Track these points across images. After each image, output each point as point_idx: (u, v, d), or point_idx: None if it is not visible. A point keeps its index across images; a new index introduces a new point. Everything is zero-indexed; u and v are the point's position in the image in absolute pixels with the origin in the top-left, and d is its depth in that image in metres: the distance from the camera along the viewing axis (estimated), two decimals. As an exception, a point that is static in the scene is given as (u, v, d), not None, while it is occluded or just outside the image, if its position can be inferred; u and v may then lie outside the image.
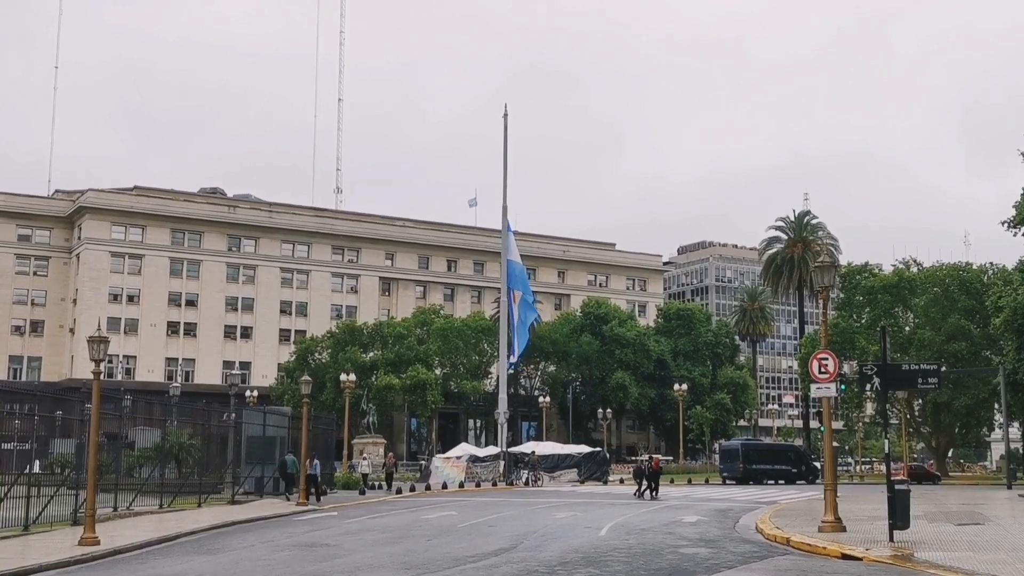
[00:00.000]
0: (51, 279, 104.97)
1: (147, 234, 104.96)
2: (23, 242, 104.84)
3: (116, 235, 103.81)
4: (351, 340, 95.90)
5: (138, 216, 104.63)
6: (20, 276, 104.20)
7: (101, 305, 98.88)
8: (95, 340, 25.83)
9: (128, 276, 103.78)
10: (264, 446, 47.52)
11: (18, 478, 29.38)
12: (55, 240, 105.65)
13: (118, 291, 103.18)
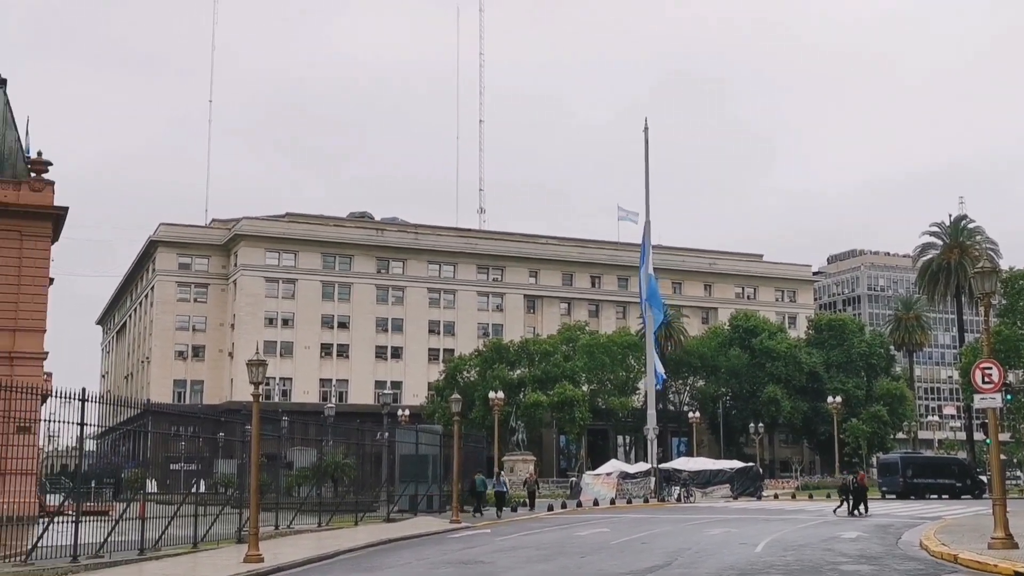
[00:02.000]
0: (210, 305, 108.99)
1: (299, 259, 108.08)
2: (184, 270, 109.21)
3: (270, 261, 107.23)
4: (498, 358, 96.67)
5: (290, 242, 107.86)
6: (182, 303, 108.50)
7: (257, 329, 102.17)
8: (254, 363, 26.65)
9: (282, 300, 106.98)
10: (417, 464, 48.26)
11: (186, 497, 30.59)
12: (213, 267, 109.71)
13: (273, 315, 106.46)
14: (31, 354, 46.44)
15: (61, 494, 43.18)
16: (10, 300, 46.67)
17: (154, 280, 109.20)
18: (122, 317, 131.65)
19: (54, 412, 26.35)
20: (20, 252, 47.18)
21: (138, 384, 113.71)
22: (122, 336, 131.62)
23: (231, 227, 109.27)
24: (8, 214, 47.04)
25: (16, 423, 27.08)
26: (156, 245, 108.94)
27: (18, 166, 49.46)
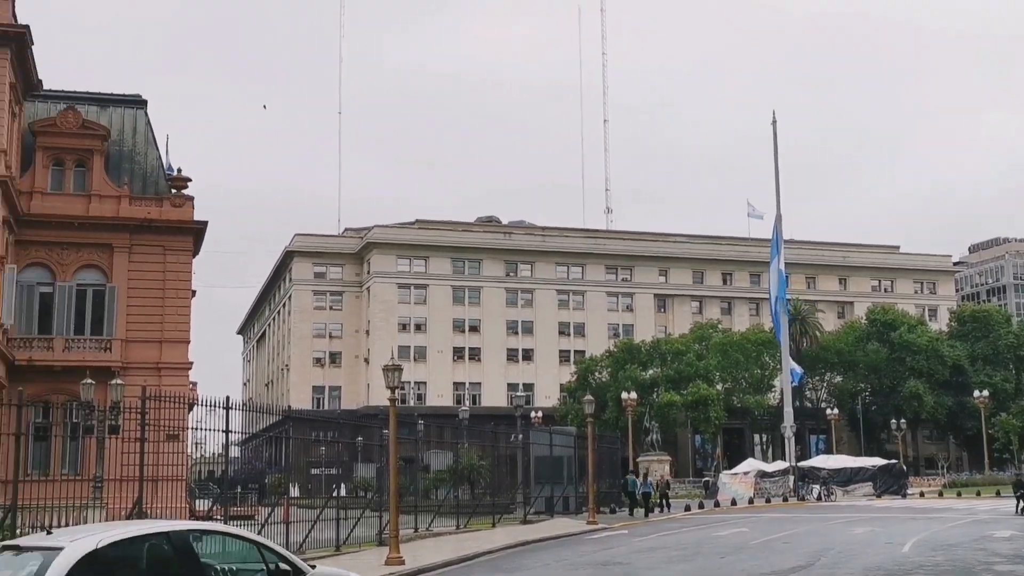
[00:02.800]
0: (346, 312, 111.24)
1: (430, 265, 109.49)
2: (319, 279, 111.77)
3: (401, 267, 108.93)
4: (629, 358, 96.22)
5: (421, 248, 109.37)
6: (318, 311, 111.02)
7: (391, 334, 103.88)
8: (389, 368, 27.06)
9: (415, 306, 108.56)
10: (552, 466, 48.37)
11: (328, 501, 31.26)
12: (347, 275, 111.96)
13: (406, 320, 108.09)
14: (177, 364, 48.15)
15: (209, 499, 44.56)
16: (156, 313, 48.45)
17: (291, 289, 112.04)
18: (261, 326, 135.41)
19: (200, 420, 27.21)
20: (164, 266, 48.98)
21: (278, 391, 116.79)
22: (262, 344, 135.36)
23: (363, 235, 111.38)
24: (152, 230, 48.88)
25: (165, 431, 28.12)
26: (292, 255, 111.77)
27: (160, 184, 51.34)
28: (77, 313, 47.48)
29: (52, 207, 47.76)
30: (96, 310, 47.64)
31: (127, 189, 49.23)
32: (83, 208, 48.12)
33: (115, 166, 50.35)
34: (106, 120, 51.29)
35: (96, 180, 48.70)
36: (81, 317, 47.54)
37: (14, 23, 43.17)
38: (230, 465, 33.13)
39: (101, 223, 47.85)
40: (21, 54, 44.13)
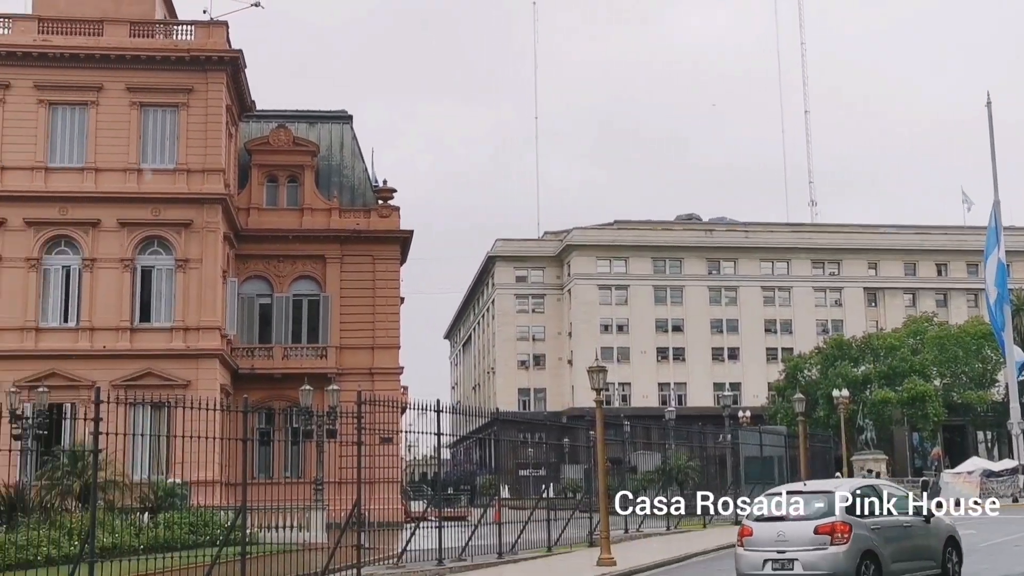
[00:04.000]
0: (548, 315, 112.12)
1: (630, 265, 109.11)
2: (520, 283, 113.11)
3: (601, 269, 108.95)
4: (840, 355, 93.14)
5: (620, 249, 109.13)
6: (520, 314, 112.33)
7: (594, 336, 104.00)
8: (594, 370, 27.04)
9: (616, 307, 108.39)
10: (762, 466, 47.40)
11: (538, 502, 31.52)
12: (548, 278, 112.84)
13: (608, 322, 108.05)
14: (389, 369, 49.67)
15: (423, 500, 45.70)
16: (367, 320, 50.12)
17: (494, 294, 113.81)
18: (467, 330, 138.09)
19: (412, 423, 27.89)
20: (373, 275, 50.63)
21: (485, 394, 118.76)
22: (468, 348, 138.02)
23: (562, 238, 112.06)
24: (361, 240, 50.61)
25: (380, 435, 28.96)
26: (494, 260, 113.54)
27: (367, 195, 53.11)
28: (294, 322, 49.62)
29: (268, 222, 50.11)
30: (311, 319, 49.68)
31: (336, 202, 51.14)
32: (296, 222, 50.30)
33: (324, 180, 52.40)
34: (315, 136, 53.45)
35: (308, 194, 50.82)
36: (298, 326, 49.65)
37: (228, 48, 45.48)
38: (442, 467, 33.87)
39: (313, 235, 49.93)
40: (235, 78, 46.45)
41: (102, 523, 21.74)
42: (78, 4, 45.92)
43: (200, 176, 44.30)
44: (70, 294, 43.36)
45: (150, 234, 43.91)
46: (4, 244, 42.79)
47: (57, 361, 41.91)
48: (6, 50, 43.73)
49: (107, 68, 44.26)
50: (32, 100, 43.84)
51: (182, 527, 25.38)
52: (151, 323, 43.63)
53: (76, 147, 44.23)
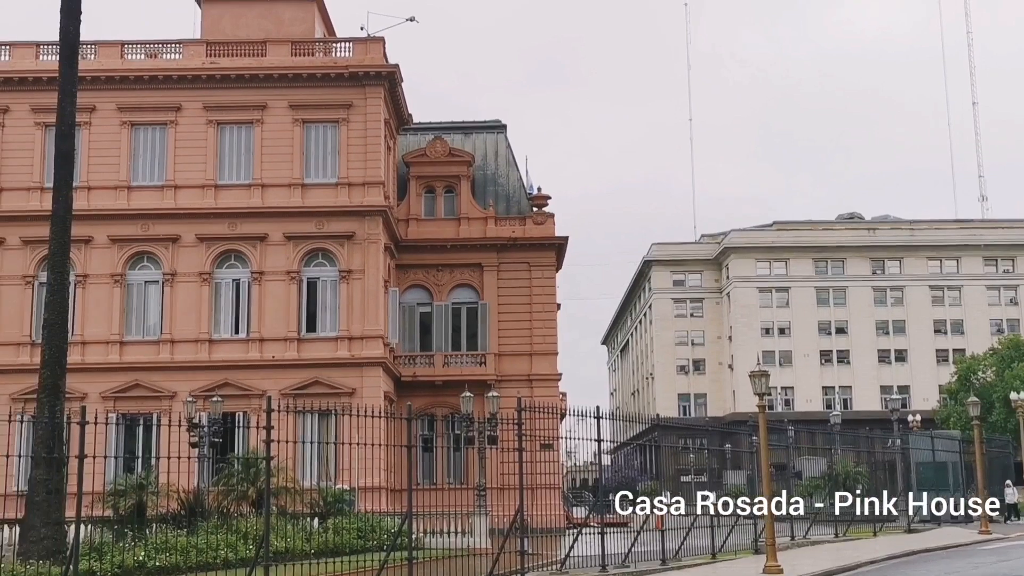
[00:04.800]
0: (706, 319, 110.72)
1: (790, 267, 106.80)
2: (678, 287, 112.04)
3: (761, 271, 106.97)
4: (1017, 356, 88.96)
5: (780, 251, 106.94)
6: (679, 319, 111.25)
7: (754, 340, 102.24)
8: (756, 375, 26.57)
9: (777, 309, 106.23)
10: (934, 472, 45.72)
11: (700, 509, 31.07)
12: (706, 282, 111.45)
13: (769, 325, 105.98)
14: (547, 376, 49.89)
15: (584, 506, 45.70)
16: (524, 327, 50.47)
17: (651, 299, 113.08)
18: (624, 336, 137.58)
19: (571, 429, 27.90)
20: (529, 282, 50.99)
21: (644, 400, 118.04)
22: (626, 354, 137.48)
23: (720, 241, 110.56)
24: (516, 247, 51.04)
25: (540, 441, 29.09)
26: (650, 265, 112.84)
27: (522, 203, 53.51)
28: (453, 330, 50.39)
29: (426, 232, 51.05)
30: (470, 326, 50.36)
31: (492, 210, 51.71)
32: (454, 231, 51.08)
33: (480, 189, 53.07)
34: (470, 146, 54.21)
35: (464, 204, 51.56)
36: (457, 334, 50.39)
37: (386, 63, 46.54)
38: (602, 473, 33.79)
39: (471, 244, 50.64)
40: (393, 92, 47.49)
41: (275, 528, 22.47)
42: (243, 27, 47.74)
43: (361, 189, 45.43)
44: (240, 306, 45.02)
45: (314, 247, 45.25)
46: (179, 259, 44.76)
47: (229, 371, 43.57)
48: (178, 74, 45.76)
49: (271, 87, 45.86)
50: (202, 121, 45.75)
51: (350, 532, 26.01)
52: (317, 333, 44.93)
53: (243, 164, 45.94)
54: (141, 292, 45.16)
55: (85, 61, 40.35)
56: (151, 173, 45.82)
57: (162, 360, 44.03)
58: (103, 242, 44.58)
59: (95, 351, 43.87)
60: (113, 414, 39.43)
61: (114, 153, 45.45)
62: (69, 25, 23.95)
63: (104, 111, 45.41)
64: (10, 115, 45.60)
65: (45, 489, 21.47)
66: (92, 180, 44.70)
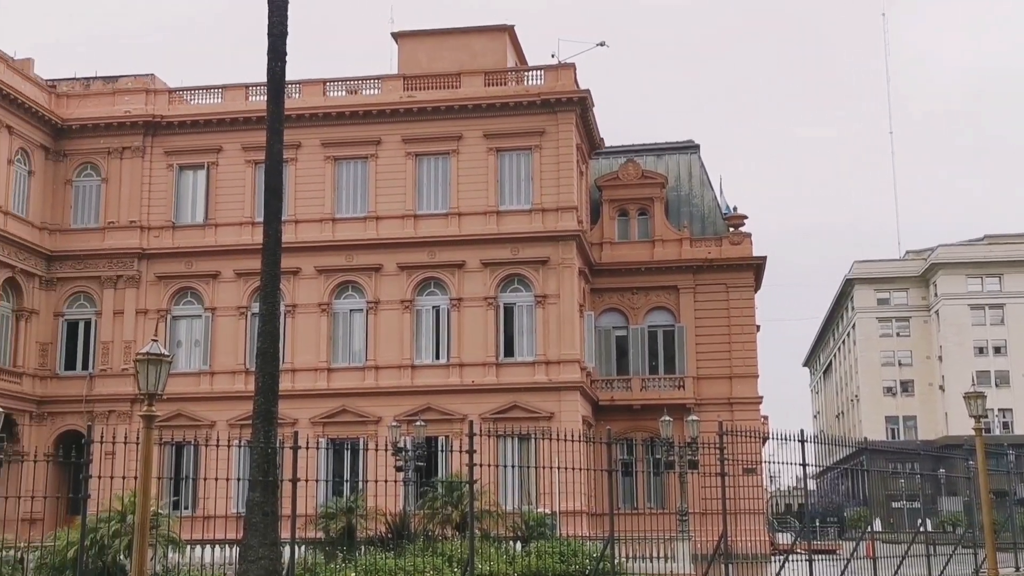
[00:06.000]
0: (913, 339, 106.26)
1: (1004, 282, 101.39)
2: (882, 305, 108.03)
3: (972, 287, 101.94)
4: None
5: (992, 265, 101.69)
6: (884, 339, 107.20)
7: (967, 359, 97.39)
8: (972, 396, 25.32)
9: (991, 327, 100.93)
10: None
11: (915, 536, 29.77)
12: (912, 300, 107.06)
13: (982, 344, 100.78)
14: (747, 399, 48.97)
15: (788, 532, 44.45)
16: (723, 349, 49.70)
17: (854, 318, 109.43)
18: (827, 357, 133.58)
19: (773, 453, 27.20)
20: (727, 303, 50.24)
21: (849, 422, 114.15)
22: (829, 375, 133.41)
23: (926, 257, 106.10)
24: (713, 269, 50.39)
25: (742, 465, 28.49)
26: (852, 283, 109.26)
27: (717, 223, 52.84)
28: (650, 353, 50.09)
29: (620, 255, 51.00)
30: (667, 349, 49.96)
31: (687, 231, 51.25)
32: (648, 254, 50.86)
33: (674, 210, 52.70)
34: (663, 168, 53.94)
35: (658, 226, 51.30)
36: (654, 357, 50.07)
37: (577, 89, 46.85)
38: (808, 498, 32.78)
39: (666, 266, 50.31)
40: (584, 117, 47.76)
41: (479, 551, 22.71)
42: (437, 59, 48.98)
43: (555, 214, 45.78)
44: (440, 332, 45.98)
45: (510, 272, 45.81)
46: (381, 288, 46.09)
47: (431, 396, 44.52)
48: (377, 108, 47.29)
49: (465, 117, 46.82)
50: (400, 153, 47.10)
51: (552, 556, 26.02)
52: (515, 358, 45.40)
53: (440, 194, 47.02)
54: (347, 320, 46.73)
55: (290, 100, 42.26)
56: (354, 205, 47.44)
57: (367, 386, 45.38)
58: (310, 273, 46.39)
59: (304, 378, 45.61)
60: (322, 439, 40.91)
61: (319, 187, 47.31)
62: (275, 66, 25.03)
63: (309, 147, 47.36)
64: (223, 154, 48.12)
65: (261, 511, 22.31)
66: (299, 213, 46.61)
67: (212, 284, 47.22)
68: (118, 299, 47.39)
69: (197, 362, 46.82)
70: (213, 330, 46.90)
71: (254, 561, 21.81)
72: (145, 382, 14.59)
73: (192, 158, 48.40)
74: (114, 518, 21.96)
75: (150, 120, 48.31)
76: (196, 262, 47.40)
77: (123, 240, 47.81)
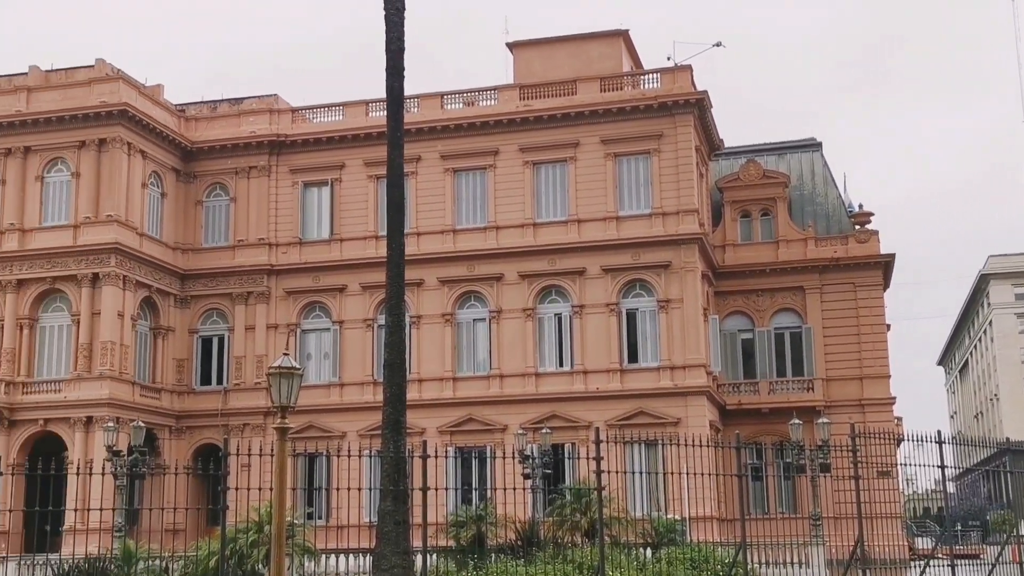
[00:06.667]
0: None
1: None
2: (1020, 301, 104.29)
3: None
4: None
5: None
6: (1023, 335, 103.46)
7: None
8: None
9: None
10: None
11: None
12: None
13: None
14: (879, 400, 47.78)
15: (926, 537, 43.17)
16: (852, 350, 48.61)
17: (991, 314, 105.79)
18: (962, 355, 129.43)
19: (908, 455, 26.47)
20: (855, 303, 49.15)
21: (989, 422, 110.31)
22: (965, 374, 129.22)
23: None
24: (839, 268, 49.34)
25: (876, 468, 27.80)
26: (988, 278, 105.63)
27: (842, 222, 51.74)
28: (777, 356, 49.31)
29: (744, 257, 50.31)
30: (795, 351, 49.08)
31: (811, 231, 50.30)
32: (772, 255, 50.06)
33: (797, 210, 51.78)
34: (784, 167, 53.06)
35: (781, 226, 50.45)
36: (781, 359, 49.26)
37: (694, 91, 46.44)
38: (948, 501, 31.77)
39: (790, 267, 49.46)
40: (702, 118, 47.30)
41: (609, 557, 22.63)
42: (553, 67, 49.07)
43: (675, 218, 45.40)
44: (563, 339, 46.01)
45: (632, 278, 45.59)
46: (503, 297, 46.34)
47: (556, 403, 44.57)
48: (494, 119, 47.62)
49: (582, 124, 46.79)
50: (518, 162, 47.33)
51: (683, 562, 25.79)
52: (639, 363, 45.14)
53: (559, 201, 47.08)
54: (470, 329, 47.14)
55: (409, 114, 42.88)
56: (474, 216, 47.85)
57: (492, 394, 45.67)
58: (433, 284, 46.94)
59: (431, 388, 46.16)
60: (450, 447, 41.31)
61: (439, 199, 47.85)
62: (394, 83, 25.44)
63: (428, 159, 47.97)
64: (345, 170, 49.07)
65: (393, 520, 22.64)
66: (421, 226, 47.21)
67: (339, 298, 48.16)
68: (249, 315, 48.70)
69: (327, 374, 47.78)
70: (341, 342, 47.82)
71: (387, 570, 22.14)
72: (278, 395, 14.95)
73: (316, 175, 49.47)
74: (252, 528, 22.57)
75: (275, 139, 49.57)
76: (323, 276, 48.42)
77: (252, 257, 49.13)
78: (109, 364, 44.27)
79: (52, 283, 45.97)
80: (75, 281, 45.40)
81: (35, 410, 44.38)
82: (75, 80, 47.99)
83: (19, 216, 46.66)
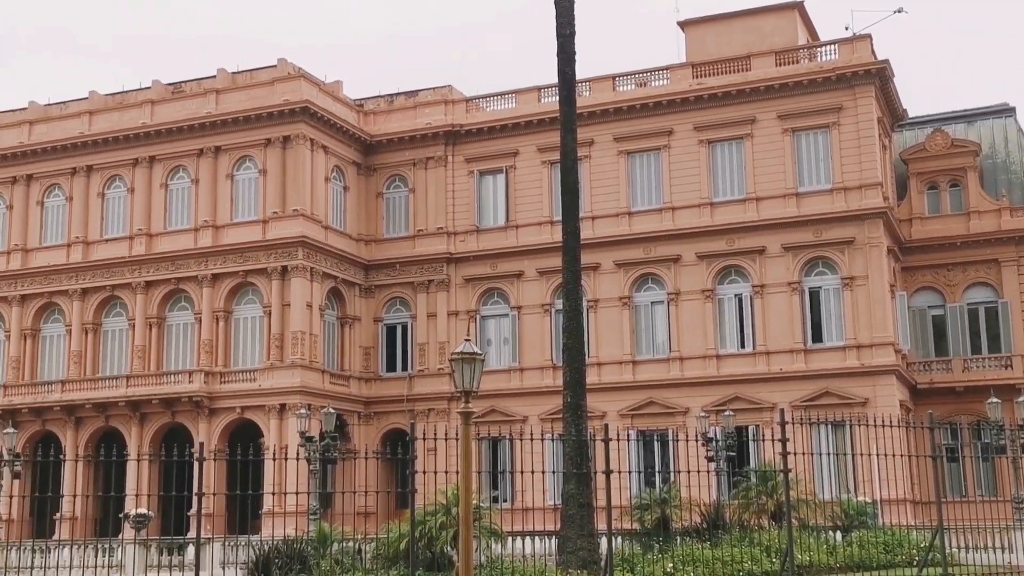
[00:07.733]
0: None
1: None
2: None
3: None
4: None
5: None
6: None
7: None
8: None
9: None
10: None
11: None
12: None
13: None
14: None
15: None
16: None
17: None
18: None
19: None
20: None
21: None
22: None
23: None
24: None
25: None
26: None
27: (1040, 189, 49.05)
28: (971, 332, 47.25)
29: (931, 230, 48.38)
30: (990, 327, 46.96)
31: (1006, 201, 47.94)
32: (962, 227, 47.95)
33: (990, 179, 49.41)
34: (975, 135, 50.67)
35: (972, 197, 48.27)
36: (976, 336, 47.23)
37: (874, 60, 44.87)
38: None
39: (984, 239, 47.29)
40: (884, 89, 45.66)
41: (797, 541, 22.20)
42: (725, 44, 48.18)
43: (857, 192, 44.01)
44: (744, 320, 45.25)
45: (813, 255, 44.44)
46: (681, 278, 45.87)
47: (738, 385, 43.92)
48: (667, 99, 47.15)
49: (758, 100, 45.83)
50: (693, 141, 46.72)
51: (876, 546, 25.06)
52: (823, 343, 44.02)
53: (736, 180, 46.27)
54: (648, 312, 46.88)
55: (581, 98, 42.80)
56: (648, 197, 47.52)
57: (672, 377, 45.34)
58: (609, 267, 46.88)
59: (610, 371, 46.15)
60: (632, 431, 41.22)
61: (613, 182, 47.71)
62: (566, 68, 25.53)
63: (601, 143, 47.86)
64: (519, 157, 49.45)
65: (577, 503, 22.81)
66: (595, 209, 47.17)
67: (516, 283, 48.65)
68: (431, 302, 49.72)
69: (507, 359, 48.36)
70: (520, 328, 48.31)
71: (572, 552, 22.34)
72: (461, 380, 15.23)
73: (491, 163, 50.05)
74: (440, 511, 23.08)
75: (450, 129, 50.38)
76: (500, 263, 49.00)
77: (432, 246, 50.12)
78: (300, 353, 45.98)
79: (244, 276, 48.04)
80: (265, 274, 47.30)
81: (232, 399, 46.52)
82: (259, 80, 49.95)
83: (212, 213, 48.89)
